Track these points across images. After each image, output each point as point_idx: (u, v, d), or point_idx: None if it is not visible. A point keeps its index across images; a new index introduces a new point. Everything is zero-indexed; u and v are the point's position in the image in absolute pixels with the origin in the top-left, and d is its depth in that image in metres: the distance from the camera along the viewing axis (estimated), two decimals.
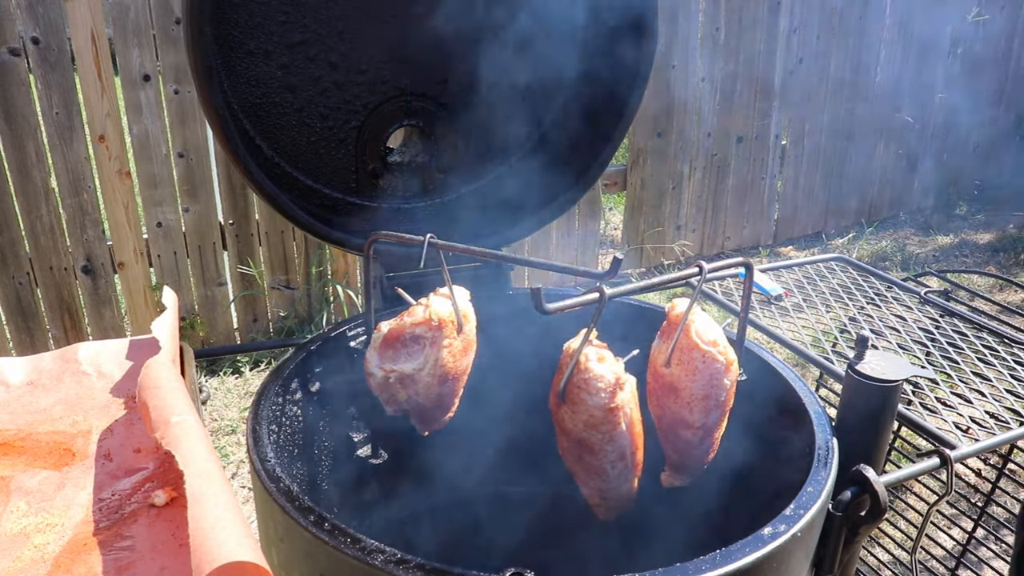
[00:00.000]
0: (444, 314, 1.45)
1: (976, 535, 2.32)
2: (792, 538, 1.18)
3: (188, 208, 4.09)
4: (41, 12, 3.54)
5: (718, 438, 1.46)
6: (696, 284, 1.35)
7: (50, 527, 1.08)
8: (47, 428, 1.31)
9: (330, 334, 1.71)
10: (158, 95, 3.89)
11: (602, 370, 1.32)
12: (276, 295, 4.41)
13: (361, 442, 1.76)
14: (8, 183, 3.68)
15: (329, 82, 1.80)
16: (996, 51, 6.35)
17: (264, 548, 1.38)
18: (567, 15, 1.84)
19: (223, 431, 3.79)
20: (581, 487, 1.49)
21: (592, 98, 2.00)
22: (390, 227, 1.57)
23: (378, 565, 1.08)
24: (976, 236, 6.08)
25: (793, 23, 5.36)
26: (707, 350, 1.36)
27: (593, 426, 1.34)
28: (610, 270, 1.35)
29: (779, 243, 5.91)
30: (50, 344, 3.99)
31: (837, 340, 2.06)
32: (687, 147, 5.31)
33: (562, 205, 2.05)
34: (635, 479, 1.47)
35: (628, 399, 1.35)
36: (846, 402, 1.49)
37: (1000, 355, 1.91)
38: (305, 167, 1.85)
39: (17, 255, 3.80)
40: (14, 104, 3.60)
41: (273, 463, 1.32)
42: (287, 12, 1.70)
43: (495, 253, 1.51)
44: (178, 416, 1.10)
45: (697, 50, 5.10)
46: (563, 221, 4.91)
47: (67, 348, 1.50)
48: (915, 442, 3.13)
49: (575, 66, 1.95)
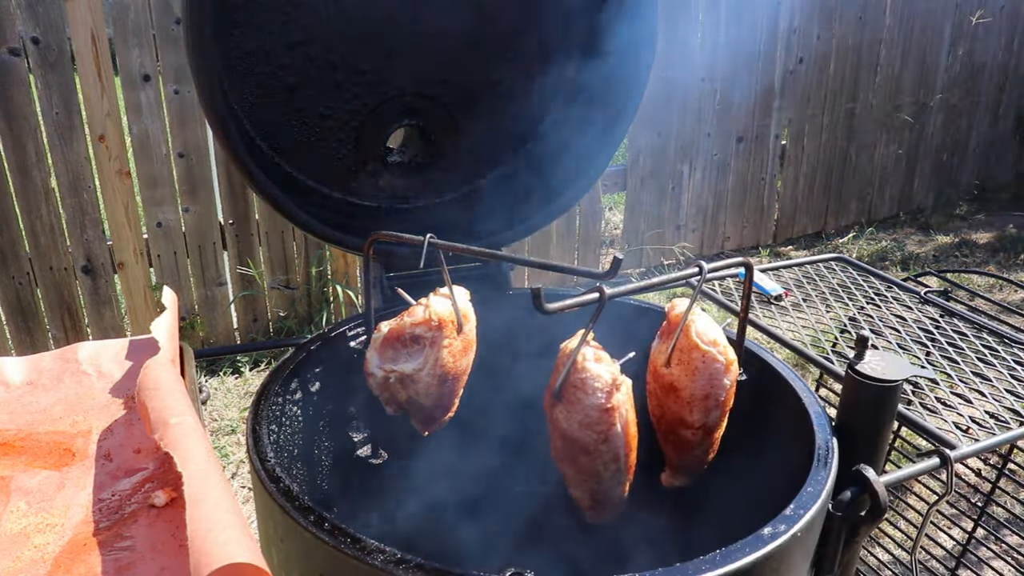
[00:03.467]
0: (444, 314, 1.45)
1: (976, 535, 2.31)
2: (792, 538, 1.17)
3: (188, 208, 4.09)
4: (41, 12, 3.54)
5: (718, 438, 1.46)
6: (696, 284, 1.35)
7: (50, 527, 1.08)
8: (47, 428, 1.31)
9: (330, 334, 1.71)
10: (158, 95, 3.89)
11: (599, 370, 1.32)
12: (276, 295, 4.41)
13: (361, 442, 1.76)
14: (8, 183, 3.68)
15: (329, 82, 1.80)
16: (996, 51, 6.35)
17: (264, 548, 1.38)
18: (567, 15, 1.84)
19: (223, 431, 3.79)
20: (572, 490, 1.48)
21: (592, 98, 2.00)
22: (390, 227, 1.57)
23: (378, 565, 1.08)
24: (976, 236, 6.08)
25: (793, 23, 5.36)
26: (707, 350, 1.36)
27: (588, 426, 1.34)
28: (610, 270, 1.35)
29: (779, 243, 5.91)
30: (50, 344, 3.99)
31: (837, 340, 2.06)
32: (687, 147, 5.31)
33: (562, 205, 2.05)
34: (627, 483, 1.46)
35: (624, 400, 1.35)
36: (846, 402, 1.49)
37: (1000, 355, 1.91)
38: (305, 167, 1.85)
39: (17, 255, 3.80)
40: (14, 104, 3.60)
41: (273, 463, 1.32)
42: (287, 12, 1.70)
43: (495, 253, 1.51)
44: (177, 417, 1.10)
45: (697, 50, 5.10)
46: (563, 221, 4.91)
47: (67, 348, 1.50)
48: (915, 442, 3.13)
49: (575, 66, 1.95)
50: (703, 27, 5.10)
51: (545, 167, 2.03)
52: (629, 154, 5.21)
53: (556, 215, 2.05)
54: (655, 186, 5.30)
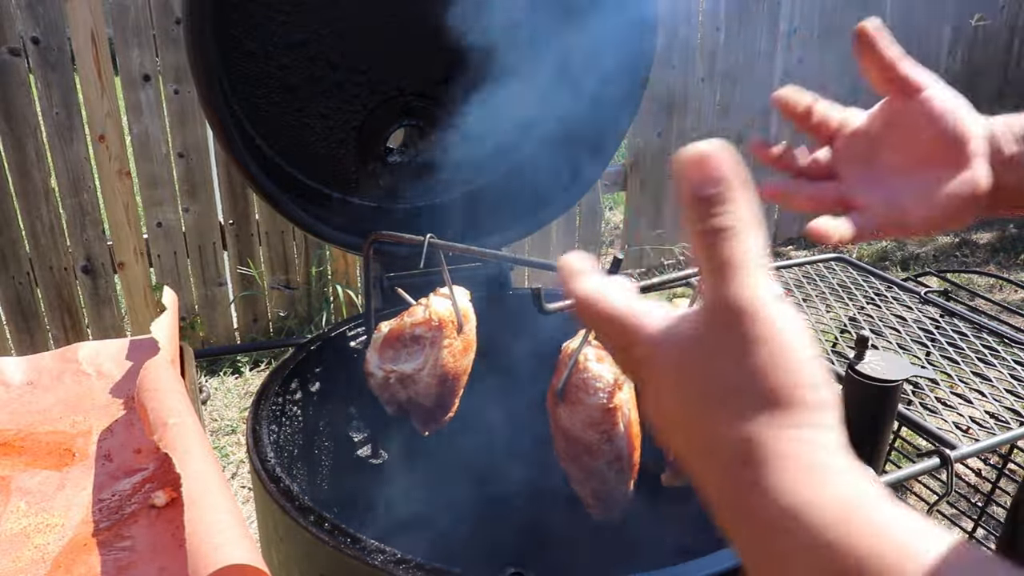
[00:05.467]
0: (444, 314, 1.45)
1: (976, 535, 2.31)
2: None
3: (188, 208, 4.09)
4: (41, 12, 3.54)
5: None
6: (696, 284, 1.35)
7: (50, 527, 1.08)
8: (47, 428, 1.31)
9: (330, 334, 1.71)
10: (158, 95, 3.89)
11: (601, 370, 1.32)
12: (276, 295, 4.40)
13: (361, 442, 1.76)
14: (8, 183, 3.68)
15: (329, 82, 1.80)
16: (996, 51, 6.35)
17: (264, 548, 1.38)
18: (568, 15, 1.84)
19: (223, 431, 3.78)
20: (576, 488, 1.48)
21: (592, 97, 2.00)
22: (390, 227, 1.56)
23: (378, 565, 1.08)
24: (976, 236, 6.08)
25: (793, 23, 5.37)
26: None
27: (591, 426, 1.34)
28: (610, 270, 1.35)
29: (779, 243, 5.90)
30: (50, 344, 3.99)
31: (837, 340, 2.06)
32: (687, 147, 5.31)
33: (562, 205, 2.05)
34: (631, 480, 1.47)
35: (627, 400, 1.35)
36: (846, 402, 1.49)
37: (1000, 355, 1.91)
38: (305, 167, 1.85)
39: (17, 255, 3.80)
40: (14, 104, 3.60)
41: (273, 463, 1.32)
42: (287, 12, 1.70)
43: (495, 253, 1.51)
44: (176, 418, 1.10)
45: (697, 50, 5.11)
46: (563, 221, 4.91)
47: (67, 348, 1.50)
48: (915, 442, 3.13)
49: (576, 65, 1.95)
50: (703, 27, 5.11)
51: (546, 166, 2.03)
52: (629, 154, 5.21)
53: (556, 215, 2.05)
54: (655, 186, 5.30)
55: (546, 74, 1.95)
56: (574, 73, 1.96)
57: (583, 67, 1.95)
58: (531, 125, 2.07)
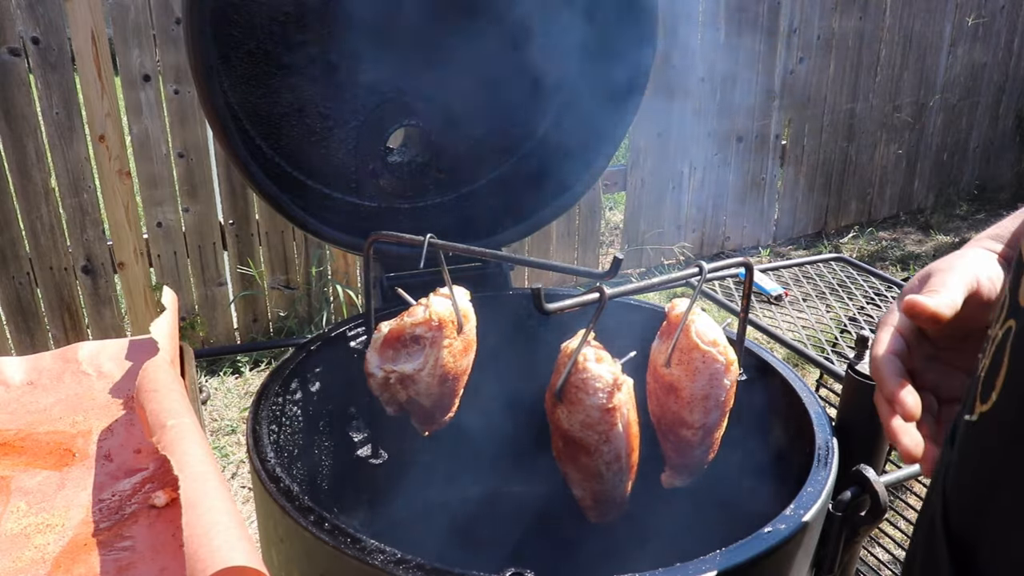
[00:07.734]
0: (444, 314, 1.45)
1: None
2: (792, 538, 1.17)
3: (188, 208, 4.09)
4: (41, 12, 3.54)
5: (718, 438, 1.46)
6: (696, 284, 1.35)
7: (50, 527, 1.08)
8: (47, 428, 1.31)
9: (330, 334, 1.71)
10: (158, 95, 3.89)
11: (600, 370, 1.32)
12: (276, 295, 4.41)
13: (361, 442, 1.76)
14: (8, 183, 3.68)
15: (329, 82, 1.80)
16: (996, 51, 6.36)
17: (264, 548, 1.38)
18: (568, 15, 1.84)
19: (223, 431, 3.78)
20: (574, 489, 1.48)
21: (592, 97, 2.00)
22: (390, 227, 1.56)
23: (378, 565, 1.08)
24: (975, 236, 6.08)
25: (793, 23, 5.37)
26: (707, 350, 1.36)
27: (590, 426, 1.34)
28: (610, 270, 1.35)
29: (779, 243, 5.91)
30: (50, 344, 3.99)
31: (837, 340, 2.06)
32: (687, 147, 5.31)
33: (562, 205, 2.05)
34: (629, 482, 1.46)
35: (625, 400, 1.35)
36: (846, 402, 1.49)
37: None
38: (305, 167, 1.85)
39: (17, 255, 3.80)
40: (14, 104, 3.60)
41: (273, 463, 1.32)
42: (287, 12, 1.70)
43: (495, 253, 1.51)
44: (174, 419, 1.10)
45: (697, 50, 5.11)
46: (563, 221, 4.92)
47: (67, 348, 1.50)
48: None
49: (575, 66, 1.95)
50: (703, 27, 5.11)
51: (545, 166, 2.03)
52: (629, 154, 5.21)
53: (556, 214, 2.05)
54: (655, 186, 5.30)
55: (546, 74, 1.95)
56: (574, 73, 1.97)
57: (583, 68, 1.95)
58: (531, 125, 2.07)
